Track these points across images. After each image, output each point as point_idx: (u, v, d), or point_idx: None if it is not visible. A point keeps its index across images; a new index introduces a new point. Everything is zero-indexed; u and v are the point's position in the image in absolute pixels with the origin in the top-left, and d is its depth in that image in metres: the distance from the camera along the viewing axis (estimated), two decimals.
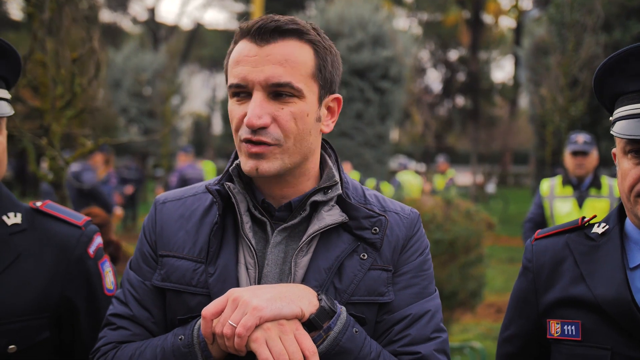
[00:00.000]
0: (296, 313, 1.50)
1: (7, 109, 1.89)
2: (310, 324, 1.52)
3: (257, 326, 1.47)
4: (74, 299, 1.97)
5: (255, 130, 1.58)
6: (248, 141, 1.59)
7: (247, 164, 1.62)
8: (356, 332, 1.55)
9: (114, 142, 4.67)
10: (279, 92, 1.59)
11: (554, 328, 1.81)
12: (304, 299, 1.53)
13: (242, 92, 1.61)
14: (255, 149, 1.59)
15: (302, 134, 1.62)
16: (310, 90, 1.63)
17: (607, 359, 1.69)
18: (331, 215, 1.66)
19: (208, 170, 15.94)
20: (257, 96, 1.58)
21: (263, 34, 1.59)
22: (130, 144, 26.89)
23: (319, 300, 1.54)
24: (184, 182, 11.79)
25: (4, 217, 1.94)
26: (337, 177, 1.72)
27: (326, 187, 1.69)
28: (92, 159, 12.10)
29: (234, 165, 1.73)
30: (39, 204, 2.05)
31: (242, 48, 1.62)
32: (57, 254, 1.96)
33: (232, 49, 1.66)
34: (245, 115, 1.59)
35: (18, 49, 1.97)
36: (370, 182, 14.83)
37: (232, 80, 1.61)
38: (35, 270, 1.92)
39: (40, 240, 1.96)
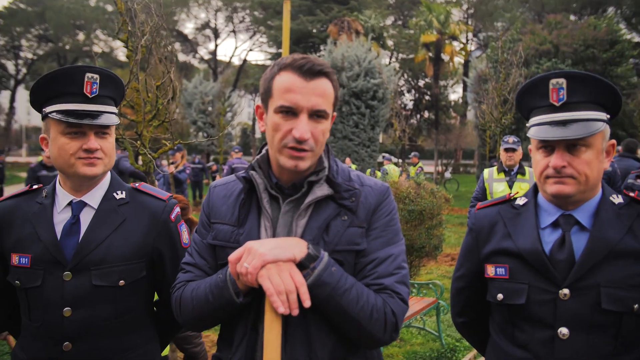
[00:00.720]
0: (290, 257, 1.50)
1: (116, 120, 1.91)
2: (301, 265, 1.52)
3: (262, 267, 1.49)
4: (161, 249, 1.99)
5: (301, 141, 1.56)
6: (293, 148, 1.57)
7: (288, 162, 1.59)
8: (334, 270, 1.54)
9: (185, 142, 4.69)
10: (316, 115, 1.57)
11: (490, 270, 1.80)
12: (296, 248, 1.52)
13: (289, 111, 1.57)
14: (297, 154, 1.57)
15: (323, 142, 1.62)
16: (330, 113, 1.63)
17: (525, 291, 1.70)
18: (321, 190, 1.64)
19: None
20: (303, 117, 1.56)
21: (310, 72, 1.56)
22: (197, 145, 26.89)
23: (308, 248, 1.53)
24: (232, 171, 11.82)
25: (114, 194, 1.96)
26: (325, 164, 1.69)
27: (318, 171, 1.67)
28: (173, 155, 12.18)
29: (255, 159, 1.73)
30: (137, 184, 2.06)
31: (291, 79, 1.56)
32: (150, 218, 1.97)
33: (275, 74, 1.61)
34: (291, 129, 1.56)
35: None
36: (368, 170, 15.01)
37: (283, 102, 1.56)
38: (136, 229, 1.94)
39: (138, 210, 1.97)
